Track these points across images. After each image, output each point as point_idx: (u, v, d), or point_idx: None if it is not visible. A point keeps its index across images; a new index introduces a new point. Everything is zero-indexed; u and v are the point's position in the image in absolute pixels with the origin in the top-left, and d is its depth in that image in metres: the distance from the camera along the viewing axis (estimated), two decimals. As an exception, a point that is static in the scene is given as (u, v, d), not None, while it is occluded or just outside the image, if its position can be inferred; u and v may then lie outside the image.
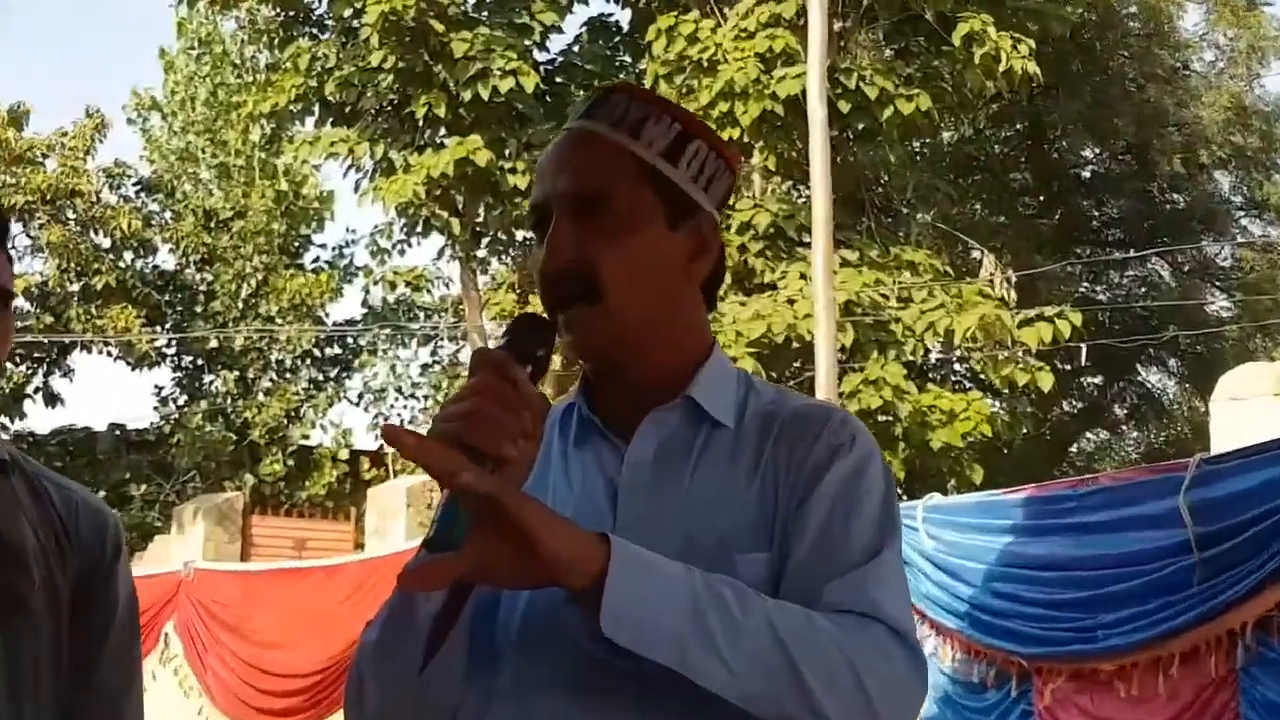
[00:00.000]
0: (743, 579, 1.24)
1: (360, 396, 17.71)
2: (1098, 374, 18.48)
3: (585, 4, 14.50)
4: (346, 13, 13.35)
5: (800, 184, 13.15)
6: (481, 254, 14.93)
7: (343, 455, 16.52)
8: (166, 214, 18.54)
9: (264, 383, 17.47)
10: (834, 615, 1.24)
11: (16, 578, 1.55)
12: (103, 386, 37.73)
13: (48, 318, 16.93)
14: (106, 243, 17.35)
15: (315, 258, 19.03)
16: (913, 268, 12.23)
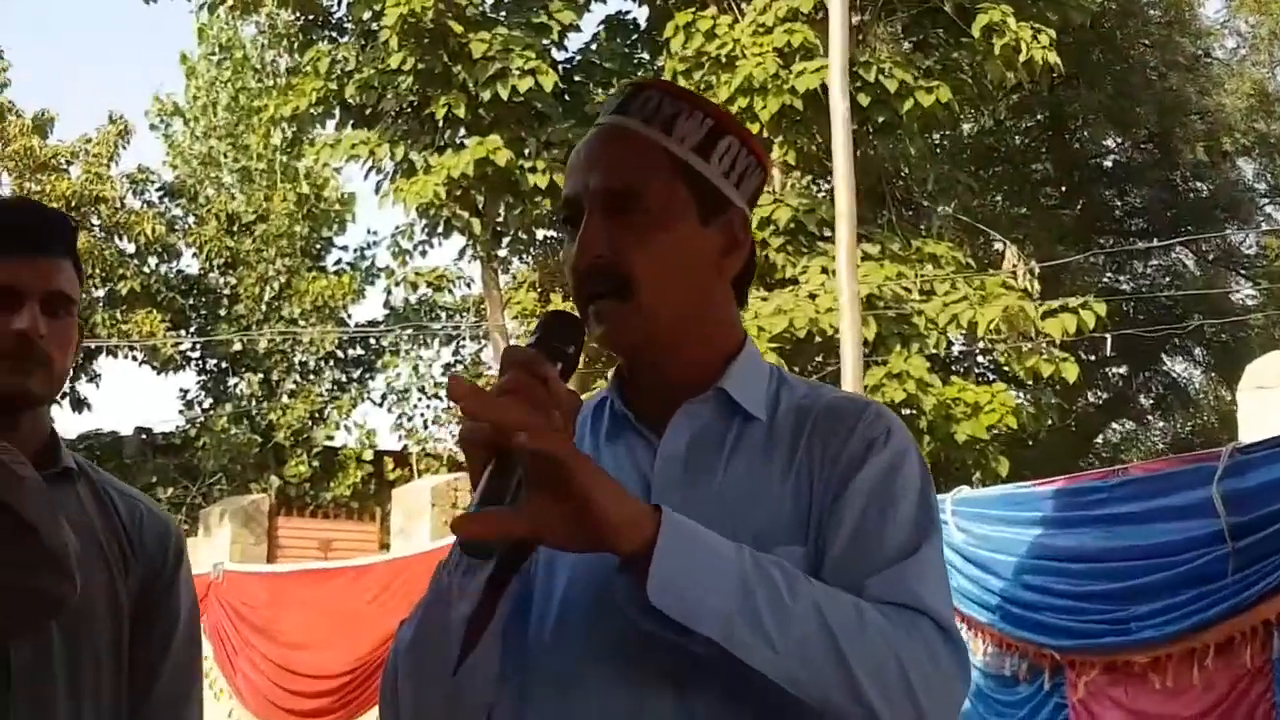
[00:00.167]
0: None
1: (383, 397, 17.73)
2: (1122, 364, 18.38)
3: (603, 2, 14.47)
4: (365, 15, 13.38)
5: (820, 178, 13.12)
6: (502, 253, 14.96)
7: (367, 456, 16.55)
8: (189, 219, 18.61)
9: (288, 385, 17.51)
10: (882, 607, 1.24)
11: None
12: (128, 391, 38.06)
13: (73, 323, 17.01)
14: (131, 248, 17.42)
15: (337, 260, 19.10)
16: (935, 260, 12.19)
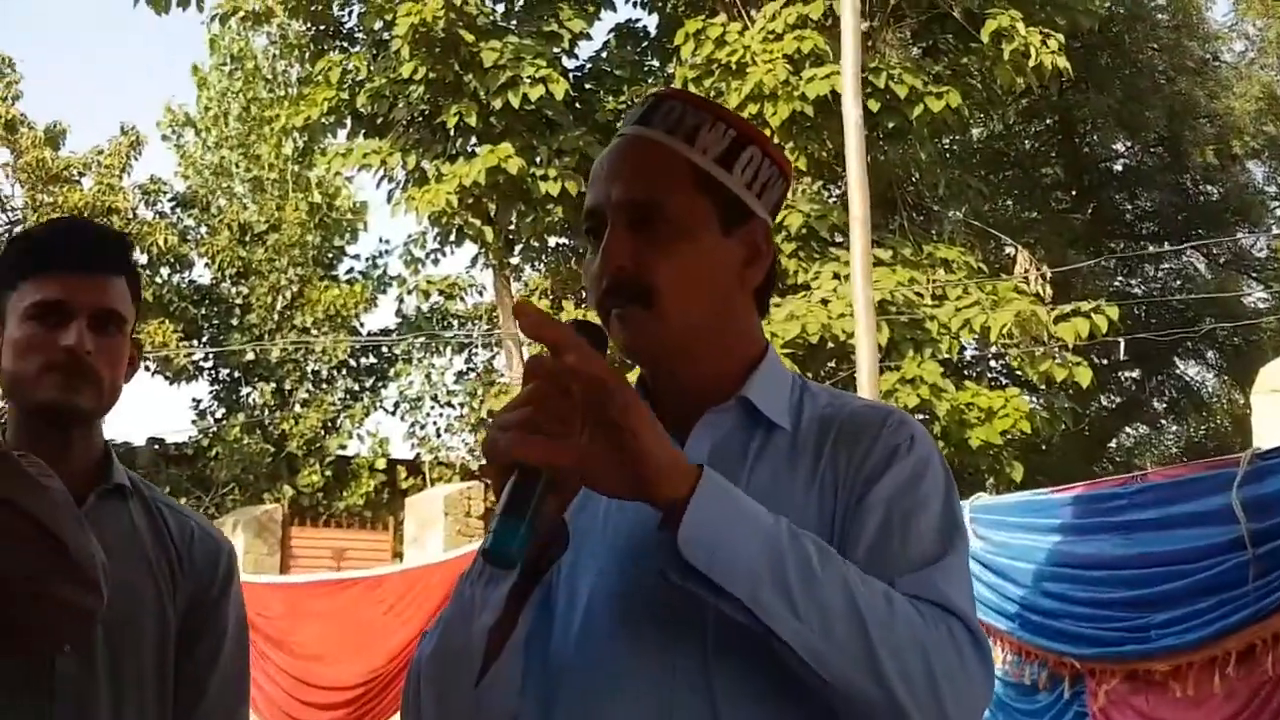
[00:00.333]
0: None
1: (396, 406, 17.76)
2: (1135, 368, 18.34)
3: (613, 10, 14.46)
4: (377, 25, 13.43)
5: (831, 183, 13.11)
6: (514, 261, 14.97)
7: (380, 465, 16.56)
8: (202, 229, 18.66)
9: (301, 394, 17.54)
10: (913, 600, 1.23)
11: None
12: (141, 401, 37.99)
13: (86, 334, 17.04)
14: (143, 259, 17.45)
15: (349, 269, 19.15)
16: (946, 265, 12.18)
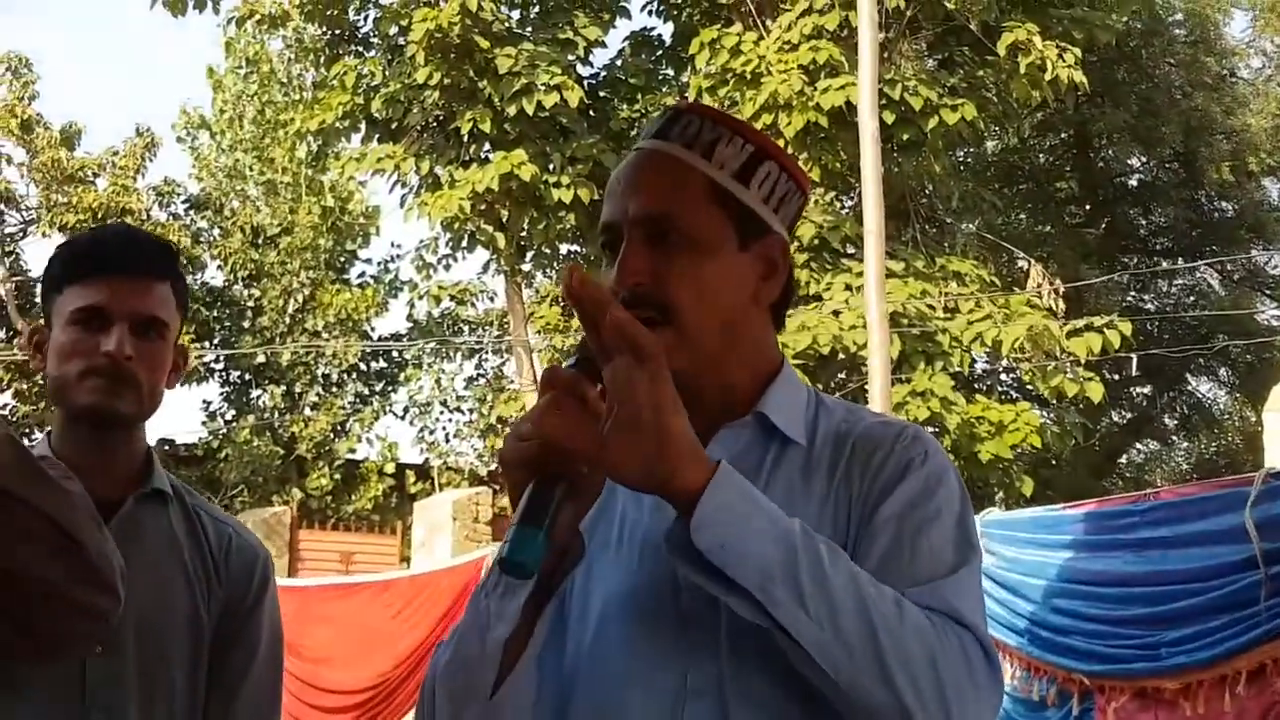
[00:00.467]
0: None
1: (406, 410, 17.80)
2: (1147, 384, 18.28)
3: (628, 18, 14.49)
4: (392, 30, 13.46)
5: (844, 194, 13.10)
6: (526, 268, 14.97)
7: (389, 469, 16.60)
8: (215, 231, 18.74)
9: (311, 397, 17.58)
10: (925, 610, 1.22)
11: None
12: (151, 402, 38.09)
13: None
14: (156, 260, 17.51)
15: (361, 273, 19.23)
16: (959, 278, 12.15)
